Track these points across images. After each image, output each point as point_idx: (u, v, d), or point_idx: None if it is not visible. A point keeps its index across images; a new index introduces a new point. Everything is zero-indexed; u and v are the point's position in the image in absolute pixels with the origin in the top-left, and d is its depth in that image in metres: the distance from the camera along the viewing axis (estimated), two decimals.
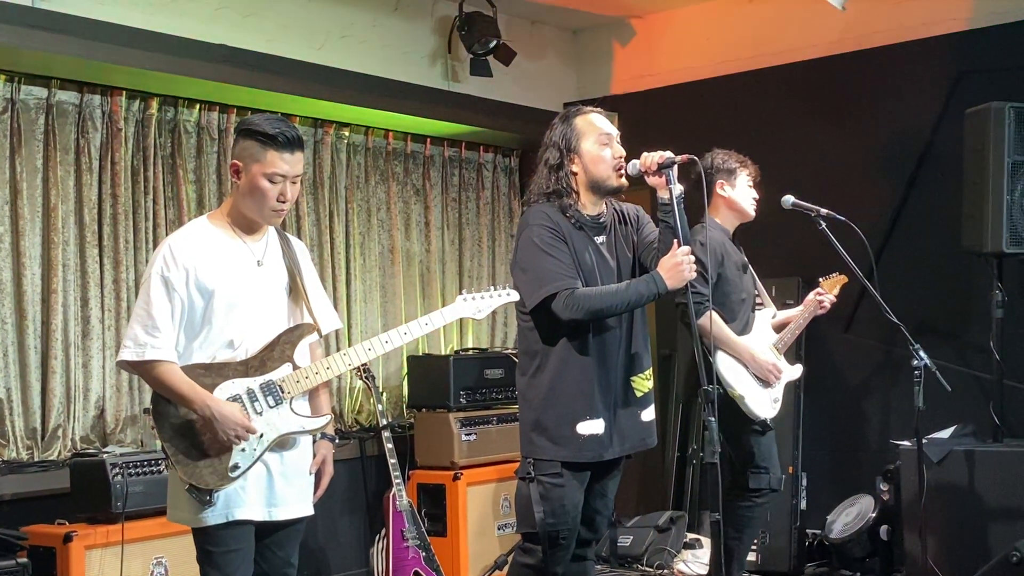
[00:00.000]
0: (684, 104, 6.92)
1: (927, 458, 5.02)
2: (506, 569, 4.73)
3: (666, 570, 6.01)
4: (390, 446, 5.67)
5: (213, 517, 3.35)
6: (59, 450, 5.19)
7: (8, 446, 5.07)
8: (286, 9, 5.82)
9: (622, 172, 3.94)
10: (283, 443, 3.45)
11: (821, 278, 5.13)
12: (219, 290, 3.38)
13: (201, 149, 5.78)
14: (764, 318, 5.01)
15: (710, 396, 3.57)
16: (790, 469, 6.15)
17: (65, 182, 5.28)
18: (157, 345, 3.32)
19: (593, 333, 3.89)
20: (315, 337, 3.57)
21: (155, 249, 3.55)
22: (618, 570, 6.13)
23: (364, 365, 5.65)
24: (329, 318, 3.64)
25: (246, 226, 3.48)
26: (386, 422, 5.80)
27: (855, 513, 5.83)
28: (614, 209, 4.07)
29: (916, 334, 4.73)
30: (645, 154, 3.84)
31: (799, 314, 5.04)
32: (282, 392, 3.43)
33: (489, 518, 6.21)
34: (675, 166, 3.79)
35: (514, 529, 5.77)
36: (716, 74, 6.81)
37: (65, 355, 5.24)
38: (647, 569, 6.04)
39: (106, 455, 4.77)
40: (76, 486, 4.80)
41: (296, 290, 3.55)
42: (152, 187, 5.57)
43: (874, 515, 5.72)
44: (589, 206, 3.98)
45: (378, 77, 6.20)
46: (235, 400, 3.37)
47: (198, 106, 5.77)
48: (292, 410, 3.45)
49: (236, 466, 3.35)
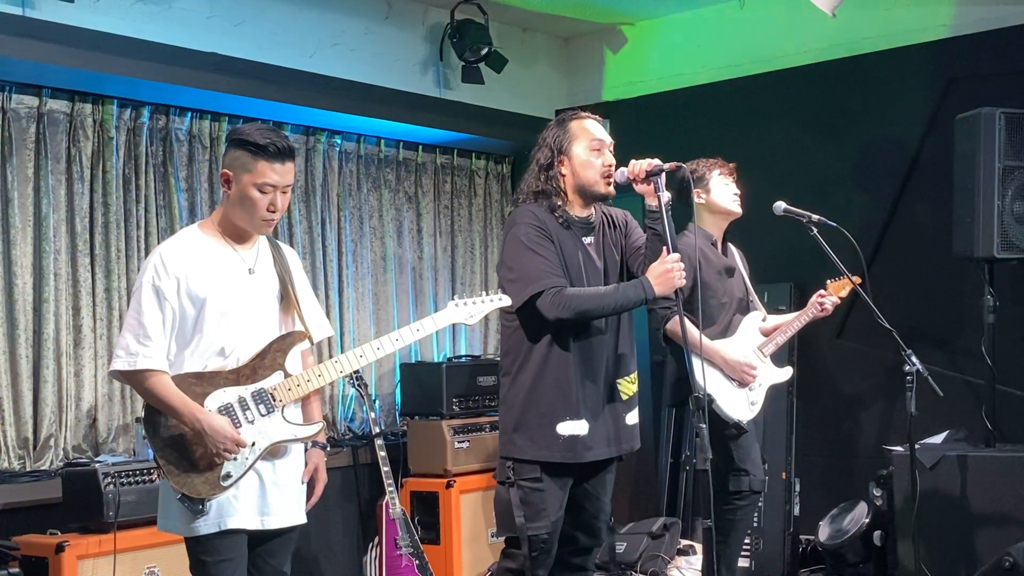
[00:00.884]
0: (675, 111, 6.93)
1: (920, 463, 5.03)
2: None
3: None
4: (383, 454, 5.66)
5: (206, 526, 3.35)
6: (51, 459, 5.18)
7: (0, 456, 5.06)
8: (277, 17, 5.82)
9: (610, 180, 3.95)
10: (275, 451, 3.45)
11: (829, 280, 5.08)
12: (210, 299, 3.38)
13: (193, 157, 5.78)
14: (751, 321, 5.02)
15: (701, 403, 3.57)
16: (783, 475, 6.16)
17: (56, 191, 5.28)
18: (149, 354, 3.32)
19: (578, 334, 3.89)
20: (306, 345, 3.57)
21: (146, 258, 3.55)
22: None
23: (356, 372, 5.65)
24: (320, 325, 3.64)
25: (237, 235, 3.48)
26: (379, 430, 5.80)
27: (848, 519, 5.83)
28: (603, 213, 4.08)
29: (908, 339, 4.73)
30: (633, 161, 3.85)
31: (797, 316, 5.04)
32: (274, 400, 3.43)
33: (482, 525, 6.20)
34: (663, 173, 3.80)
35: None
36: (707, 81, 6.83)
37: (57, 364, 5.23)
38: None
39: (98, 464, 4.77)
40: (68, 495, 4.79)
41: (287, 298, 3.54)
42: (144, 195, 5.57)
43: (867, 520, 5.70)
44: (577, 209, 3.99)
45: (370, 85, 6.21)
46: (227, 408, 3.37)
47: (189, 114, 5.77)
48: (284, 418, 3.45)
49: (228, 475, 3.35)
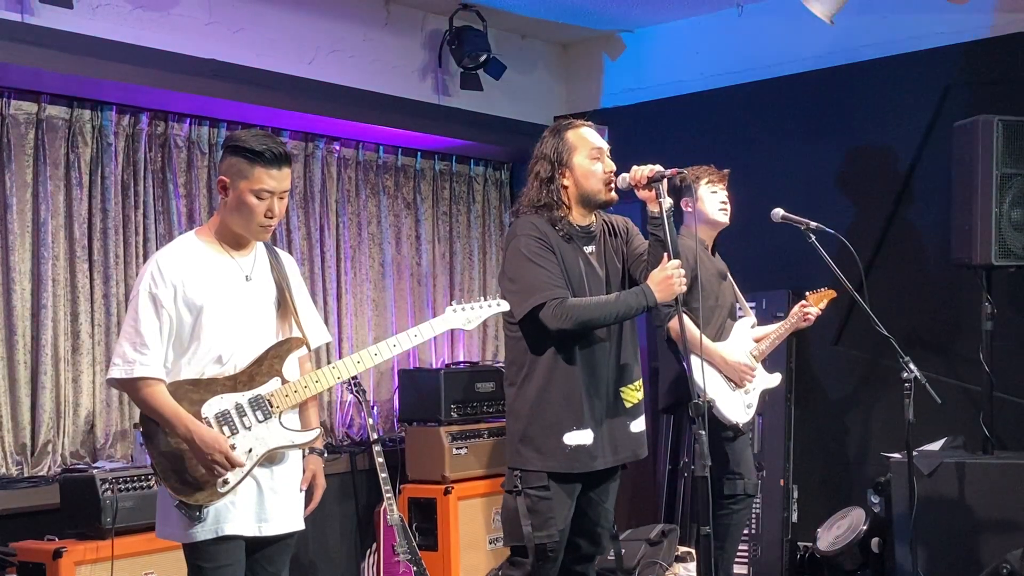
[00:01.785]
0: (674, 118, 6.92)
1: (918, 470, 5.04)
2: None
3: None
4: (381, 460, 5.66)
5: (203, 533, 3.34)
6: (48, 466, 5.17)
7: None
8: (276, 24, 5.82)
9: (612, 187, 3.95)
10: (272, 458, 3.45)
11: (808, 292, 5.17)
12: (207, 306, 3.38)
13: (191, 163, 5.78)
14: (743, 326, 5.06)
15: (700, 409, 3.57)
16: (781, 482, 6.16)
17: (55, 197, 5.28)
18: (146, 362, 3.31)
19: (582, 343, 3.89)
20: (304, 351, 3.56)
21: (143, 265, 3.54)
22: None
23: (354, 378, 5.66)
24: (318, 332, 3.64)
25: (234, 241, 3.48)
26: (377, 436, 5.80)
27: (846, 525, 5.83)
28: (603, 220, 4.09)
29: (906, 346, 4.74)
30: (635, 168, 3.86)
31: (781, 325, 5.10)
32: (271, 406, 3.42)
33: (480, 532, 6.19)
34: (665, 180, 3.80)
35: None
36: (706, 88, 6.82)
37: (55, 370, 5.23)
38: None
39: (96, 470, 4.76)
40: (66, 502, 4.78)
41: (285, 304, 3.54)
42: (142, 202, 5.57)
43: (865, 527, 5.71)
44: (579, 218, 4.00)
45: (368, 91, 6.21)
46: (223, 415, 3.37)
47: (188, 120, 5.77)
48: (281, 424, 3.45)
49: (226, 481, 3.34)
